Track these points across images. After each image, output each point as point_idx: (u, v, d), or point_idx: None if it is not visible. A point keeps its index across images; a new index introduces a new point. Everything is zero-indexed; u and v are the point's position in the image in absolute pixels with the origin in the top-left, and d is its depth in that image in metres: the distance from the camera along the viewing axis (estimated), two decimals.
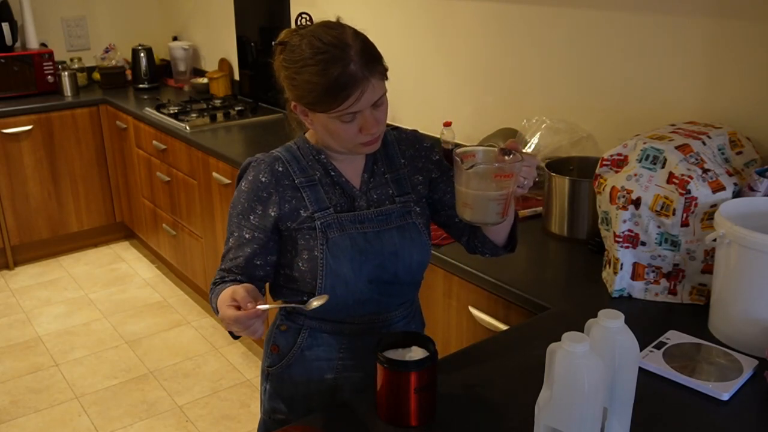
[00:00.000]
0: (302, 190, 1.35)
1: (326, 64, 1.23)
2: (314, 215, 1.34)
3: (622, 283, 1.67)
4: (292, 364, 1.45)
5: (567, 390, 0.98)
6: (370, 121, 1.27)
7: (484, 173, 1.22)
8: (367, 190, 1.40)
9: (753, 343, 1.41)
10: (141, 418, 2.79)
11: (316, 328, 1.43)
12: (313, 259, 1.34)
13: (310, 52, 1.25)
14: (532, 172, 1.28)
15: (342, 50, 1.24)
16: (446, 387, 1.31)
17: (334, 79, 1.22)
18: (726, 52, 1.87)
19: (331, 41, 1.25)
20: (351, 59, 1.23)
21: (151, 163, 3.75)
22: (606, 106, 2.21)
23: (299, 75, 1.26)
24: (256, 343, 3.23)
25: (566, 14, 2.26)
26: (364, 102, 1.25)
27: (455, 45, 2.67)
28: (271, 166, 1.36)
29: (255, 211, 1.36)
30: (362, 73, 1.23)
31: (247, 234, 1.37)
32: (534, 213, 2.17)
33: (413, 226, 1.41)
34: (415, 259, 1.40)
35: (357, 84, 1.23)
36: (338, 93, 1.23)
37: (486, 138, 2.48)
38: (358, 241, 1.35)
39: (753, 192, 1.58)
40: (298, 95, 1.29)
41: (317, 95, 1.25)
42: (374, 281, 1.37)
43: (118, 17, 4.61)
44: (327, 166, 1.38)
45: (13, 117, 3.84)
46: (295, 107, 1.33)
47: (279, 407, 1.49)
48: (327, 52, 1.24)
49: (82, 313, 3.60)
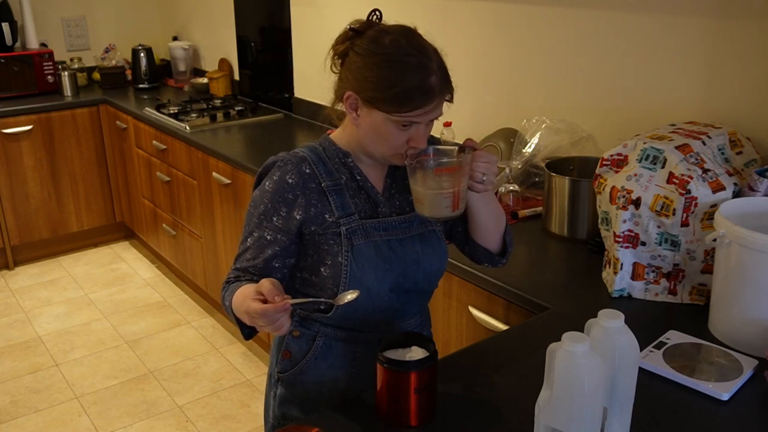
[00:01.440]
0: (328, 194, 1.32)
1: (410, 66, 1.22)
2: (339, 221, 1.32)
3: (622, 283, 1.67)
4: (305, 371, 1.43)
5: (567, 390, 0.98)
6: (421, 134, 1.27)
7: (429, 169, 1.27)
8: (389, 195, 1.39)
9: (753, 343, 1.41)
10: (141, 418, 2.79)
11: (330, 335, 1.40)
12: (337, 265, 1.31)
13: (395, 49, 1.23)
14: (490, 168, 1.29)
15: (427, 59, 1.23)
16: (446, 387, 1.31)
17: (417, 84, 1.21)
18: (726, 52, 1.87)
19: (416, 46, 1.24)
20: (433, 71, 1.23)
21: (151, 163, 3.75)
22: (606, 106, 2.21)
23: (377, 68, 1.23)
24: (257, 344, 3.23)
25: (566, 14, 2.26)
26: (429, 116, 1.25)
27: (455, 45, 2.67)
28: (298, 167, 1.32)
29: (279, 212, 1.32)
30: (439, 89, 1.24)
31: (268, 235, 1.33)
32: (534, 213, 2.17)
33: (433, 233, 1.40)
34: (435, 267, 1.40)
35: (433, 97, 1.23)
36: (414, 99, 1.21)
37: (486, 138, 2.49)
38: (383, 249, 1.33)
39: (753, 192, 1.58)
40: (364, 87, 1.25)
41: (392, 94, 1.22)
42: (395, 289, 1.36)
43: (118, 17, 4.61)
44: (353, 170, 1.36)
45: (13, 117, 3.84)
46: (347, 98, 1.28)
47: (290, 413, 1.46)
48: (413, 55, 1.23)
49: (82, 313, 3.60)
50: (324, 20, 3.29)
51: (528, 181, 2.30)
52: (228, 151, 3.03)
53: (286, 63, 3.62)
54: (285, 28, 3.57)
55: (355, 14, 1.34)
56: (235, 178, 2.95)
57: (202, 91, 4.13)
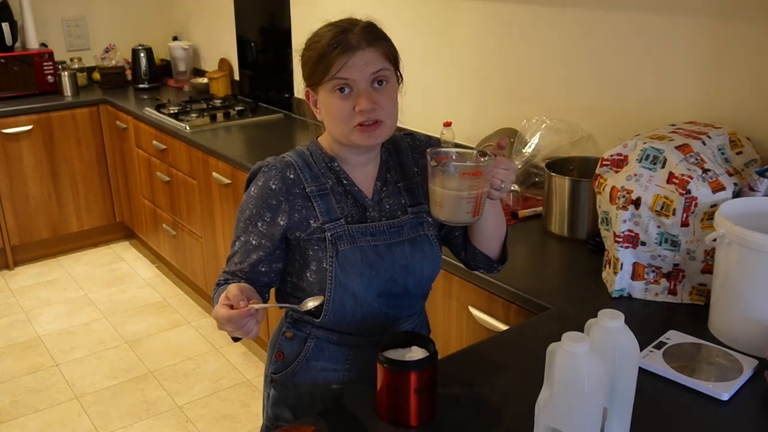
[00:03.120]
0: (313, 199, 1.32)
1: (327, 32, 1.26)
2: (324, 226, 1.31)
3: (622, 283, 1.67)
4: (297, 373, 1.43)
5: (567, 390, 0.98)
6: (364, 95, 1.25)
7: (453, 172, 1.23)
8: (379, 199, 1.37)
9: (753, 343, 1.41)
10: (141, 418, 2.79)
11: (322, 338, 1.40)
12: (322, 271, 1.31)
13: (318, 30, 1.29)
14: (509, 175, 1.26)
15: (347, 23, 1.27)
16: (446, 387, 1.31)
17: (328, 41, 1.24)
18: (726, 52, 1.87)
19: (341, 20, 1.28)
20: (351, 30, 1.25)
21: (151, 163, 3.75)
22: (606, 106, 2.21)
23: (307, 50, 1.29)
24: (257, 344, 3.23)
25: (567, 14, 2.26)
26: (356, 69, 1.24)
27: (455, 45, 2.67)
28: (282, 173, 1.32)
29: (263, 218, 1.33)
30: (357, 42, 1.24)
31: (254, 240, 1.34)
32: (534, 213, 2.17)
33: (425, 238, 1.38)
34: (426, 272, 1.38)
35: (349, 47, 1.24)
36: (330, 54, 1.23)
37: (486, 138, 2.49)
38: (369, 255, 1.32)
39: (753, 192, 1.58)
40: (303, 73, 1.31)
41: (313, 61, 1.26)
42: (383, 295, 1.35)
43: (118, 17, 4.61)
44: (339, 174, 1.35)
45: (13, 117, 3.84)
46: (306, 95, 1.34)
47: (282, 414, 1.47)
48: (332, 25, 1.27)
49: (82, 313, 3.60)
50: (324, 20, 3.28)
51: (528, 181, 2.31)
52: (228, 151, 3.03)
53: (286, 63, 3.62)
54: (285, 28, 3.57)
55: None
56: (235, 178, 2.95)
57: (202, 91, 4.13)
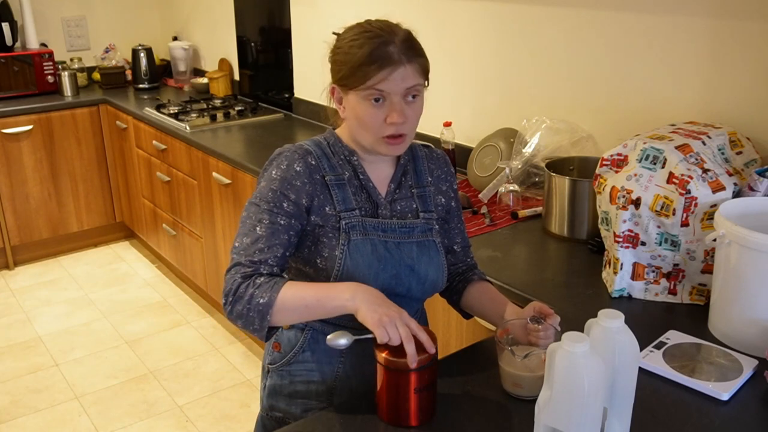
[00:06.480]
0: (331, 187, 1.34)
1: (368, 39, 1.26)
2: (340, 214, 1.33)
3: (622, 283, 1.67)
4: (293, 364, 1.45)
5: (567, 390, 0.98)
6: (397, 109, 1.27)
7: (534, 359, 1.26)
8: (392, 200, 1.40)
9: (753, 343, 1.41)
10: (141, 418, 2.79)
11: (319, 330, 1.42)
12: (333, 258, 1.32)
13: (357, 30, 1.29)
14: (552, 337, 1.30)
15: (388, 33, 1.27)
16: (446, 387, 1.31)
17: (370, 52, 1.24)
18: (726, 52, 1.87)
19: (379, 25, 1.28)
20: (392, 42, 1.26)
21: (151, 163, 3.75)
22: (606, 106, 2.21)
23: (342, 51, 1.29)
24: (257, 344, 3.23)
25: (567, 14, 2.26)
26: (393, 83, 1.25)
27: (455, 45, 2.67)
28: (304, 158, 1.34)
29: (288, 198, 1.32)
30: (398, 56, 1.25)
31: (282, 220, 1.31)
32: (534, 213, 2.17)
33: (433, 244, 1.40)
34: (430, 277, 1.39)
35: (391, 62, 1.25)
36: (370, 65, 1.24)
37: (486, 138, 2.49)
38: (379, 249, 1.34)
39: (753, 192, 1.58)
40: (336, 73, 1.30)
41: (351, 67, 1.26)
42: (387, 292, 1.34)
43: (118, 17, 4.61)
44: (357, 168, 1.37)
45: (13, 117, 3.84)
46: (332, 91, 1.34)
47: (277, 405, 1.48)
48: (372, 31, 1.27)
49: (82, 313, 3.60)
50: (324, 20, 3.29)
51: (528, 181, 2.31)
52: (228, 151, 3.03)
53: (286, 63, 3.62)
54: (285, 28, 3.57)
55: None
56: (235, 178, 2.95)
57: (202, 91, 4.13)
